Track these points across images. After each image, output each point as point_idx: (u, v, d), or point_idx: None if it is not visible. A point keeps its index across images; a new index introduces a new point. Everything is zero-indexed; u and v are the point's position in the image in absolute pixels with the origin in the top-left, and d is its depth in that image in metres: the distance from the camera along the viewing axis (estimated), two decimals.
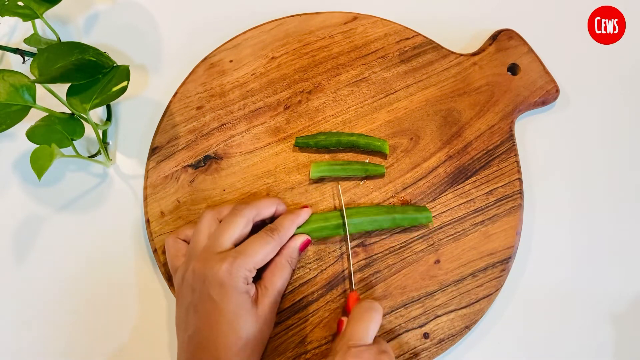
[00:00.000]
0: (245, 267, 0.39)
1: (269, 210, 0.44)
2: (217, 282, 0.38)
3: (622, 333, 0.48)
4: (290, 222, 0.43)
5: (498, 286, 0.46)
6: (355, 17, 0.54)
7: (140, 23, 0.57)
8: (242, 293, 0.38)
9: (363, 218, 0.45)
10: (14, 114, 0.45)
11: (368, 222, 0.45)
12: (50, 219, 0.50)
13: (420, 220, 0.46)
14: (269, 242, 0.41)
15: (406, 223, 0.46)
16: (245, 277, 0.39)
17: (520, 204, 0.48)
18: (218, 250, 0.40)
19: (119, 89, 0.46)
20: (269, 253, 0.41)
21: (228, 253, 0.39)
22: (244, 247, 0.40)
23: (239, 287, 0.38)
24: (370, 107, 0.51)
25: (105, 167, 0.51)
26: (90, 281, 0.48)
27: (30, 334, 0.46)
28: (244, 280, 0.39)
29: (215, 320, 0.38)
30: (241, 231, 0.41)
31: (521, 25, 0.55)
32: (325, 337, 0.44)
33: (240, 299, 0.38)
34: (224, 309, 0.38)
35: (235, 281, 0.38)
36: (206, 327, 0.38)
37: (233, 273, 0.38)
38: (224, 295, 0.38)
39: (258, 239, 0.41)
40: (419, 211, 0.46)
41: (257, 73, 0.52)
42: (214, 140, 0.50)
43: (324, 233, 0.45)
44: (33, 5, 0.49)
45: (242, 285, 0.38)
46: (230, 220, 0.41)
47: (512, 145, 0.50)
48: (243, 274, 0.38)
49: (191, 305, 0.39)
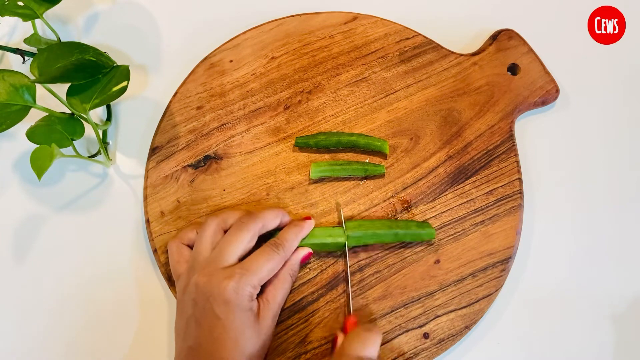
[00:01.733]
0: (250, 284, 0.38)
1: (274, 222, 0.43)
2: (223, 300, 0.38)
3: (622, 333, 0.48)
4: (294, 236, 0.43)
5: (498, 286, 0.46)
6: (355, 17, 0.54)
7: (140, 23, 0.57)
8: (247, 310, 0.38)
9: (364, 231, 0.45)
10: (14, 114, 0.45)
11: (369, 236, 0.45)
12: (50, 219, 0.50)
13: (423, 236, 0.46)
14: (274, 258, 0.41)
15: (408, 238, 0.46)
16: (250, 294, 0.39)
17: (520, 204, 0.48)
18: (223, 265, 0.39)
19: (119, 89, 0.46)
20: (274, 268, 0.41)
21: (234, 270, 0.39)
22: (250, 264, 0.39)
23: (244, 305, 0.38)
24: (370, 107, 0.51)
25: (105, 167, 0.51)
26: (90, 281, 0.48)
27: (30, 333, 0.46)
28: (249, 297, 0.38)
29: (219, 336, 0.37)
30: (246, 246, 0.41)
31: (521, 25, 0.55)
32: (325, 337, 0.44)
33: (245, 316, 0.38)
34: (229, 326, 0.37)
35: (241, 299, 0.38)
36: (208, 342, 0.38)
37: (239, 292, 0.38)
38: (229, 312, 0.38)
39: (263, 254, 0.40)
40: (421, 227, 0.46)
41: (257, 73, 0.52)
42: (214, 140, 0.50)
43: (325, 248, 0.45)
44: (33, 5, 0.49)
45: (247, 303, 0.38)
46: (235, 234, 0.41)
47: (512, 145, 0.50)
48: (249, 291, 0.38)
49: (192, 318, 0.39)
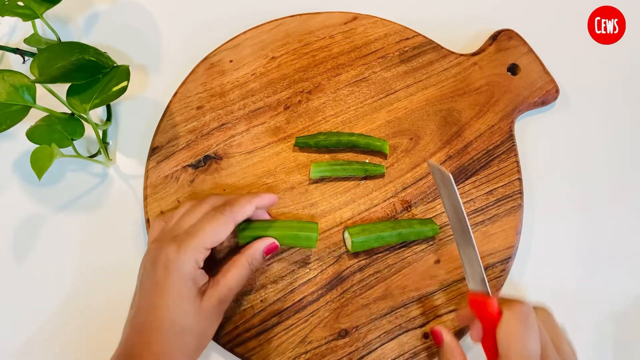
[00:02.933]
0: (192, 247, 0.38)
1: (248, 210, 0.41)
2: (163, 263, 0.37)
3: (622, 333, 0.48)
4: (246, 201, 0.41)
5: (498, 286, 0.46)
6: (355, 17, 0.54)
7: (140, 23, 0.57)
8: (187, 279, 0.37)
9: (368, 236, 0.44)
10: (14, 114, 0.45)
11: (374, 239, 0.45)
12: (50, 219, 0.49)
13: (427, 233, 0.46)
14: (218, 219, 0.39)
15: (413, 237, 0.46)
16: (194, 259, 0.38)
17: (520, 204, 0.48)
18: (175, 234, 0.39)
19: (119, 89, 0.46)
20: (219, 232, 0.39)
21: (179, 234, 0.39)
22: (194, 229, 0.39)
23: (184, 271, 0.37)
24: (370, 107, 0.51)
25: (105, 167, 0.51)
26: (90, 281, 0.48)
27: (30, 333, 0.46)
28: (193, 263, 0.37)
29: (155, 302, 0.37)
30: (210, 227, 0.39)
31: (521, 25, 0.55)
32: (325, 337, 0.44)
33: (183, 285, 0.37)
34: (166, 292, 0.37)
35: (181, 264, 0.37)
36: (145, 307, 0.37)
37: (180, 255, 0.37)
38: (167, 277, 0.37)
39: (207, 217, 0.40)
40: (424, 224, 0.46)
41: (257, 73, 0.52)
42: (214, 140, 0.50)
43: (296, 243, 0.43)
44: (33, 5, 0.49)
45: (189, 270, 0.37)
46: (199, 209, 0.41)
47: (512, 145, 0.50)
48: (190, 256, 0.37)
49: (139, 284, 0.39)
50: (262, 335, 0.44)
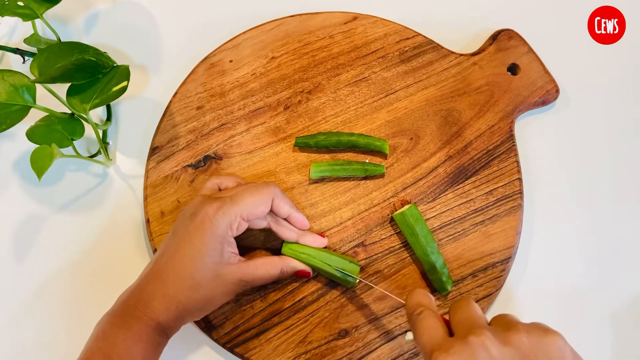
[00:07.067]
0: (232, 212, 0.39)
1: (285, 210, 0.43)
2: (201, 217, 0.39)
3: (622, 333, 0.48)
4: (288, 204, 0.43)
5: (498, 286, 0.46)
6: (355, 17, 0.54)
7: (140, 23, 0.57)
8: (217, 240, 0.38)
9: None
10: (14, 114, 0.45)
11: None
12: (50, 219, 0.49)
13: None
14: (261, 193, 0.41)
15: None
16: (229, 222, 0.39)
17: (520, 204, 0.48)
18: (221, 195, 0.41)
19: (119, 89, 0.46)
20: (258, 205, 0.40)
21: (223, 197, 0.40)
22: (237, 196, 0.40)
23: (217, 232, 0.38)
24: (370, 107, 0.51)
25: (105, 167, 0.51)
26: (90, 281, 0.48)
27: (30, 333, 0.46)
28: (226, 225, 0.39)
29: (180, 249, 0.38)
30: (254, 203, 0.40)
31: (521, 25, 0.55)
32: (325, 337, 0.44)
33: (212, 244, 0.38)
34: (194, 244, 0.38)
35: (217, 224, 0.38)
36: (171, 251, 0.39)
37: (218, 214, 0.38)
38: (201, 231, 0.38)
39: (250, 189, 0.41)
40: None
41: (257, 73, 0.52)
42: (214, 140, 0.50)
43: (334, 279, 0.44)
44: (33, 5, 0.49)
45: (222, 232, 0.39)
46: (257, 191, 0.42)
47: (512, 145, 0.50)
48: (229, 218, 0.39)
49: (173, 229, 0.41)
50: (262, 335, 0.44)
